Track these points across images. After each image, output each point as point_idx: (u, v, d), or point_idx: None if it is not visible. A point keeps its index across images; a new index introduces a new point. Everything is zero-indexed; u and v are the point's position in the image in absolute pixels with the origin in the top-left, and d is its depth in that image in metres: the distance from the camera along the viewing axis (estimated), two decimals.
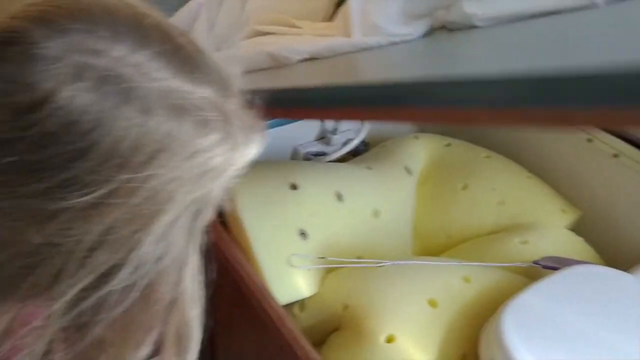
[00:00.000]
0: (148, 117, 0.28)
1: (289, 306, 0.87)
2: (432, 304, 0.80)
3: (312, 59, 0.90)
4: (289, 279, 0.86)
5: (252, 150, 0.36)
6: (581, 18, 0.71)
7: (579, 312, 0.74)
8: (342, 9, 1.05)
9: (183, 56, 0.31)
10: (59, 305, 0.30)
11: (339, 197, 0.93)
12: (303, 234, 0.89)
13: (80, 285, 0.30)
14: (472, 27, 0.83)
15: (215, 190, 0.34)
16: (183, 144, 0.30)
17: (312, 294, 0.88)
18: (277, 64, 0.92)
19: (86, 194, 0.28)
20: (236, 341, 0.94)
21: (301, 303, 0.90)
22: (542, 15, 0.77)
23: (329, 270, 0.90)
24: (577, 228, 0.99)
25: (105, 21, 0.28)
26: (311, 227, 0.90)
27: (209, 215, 0.35)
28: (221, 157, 0.32)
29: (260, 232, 0.86)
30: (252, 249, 0.85)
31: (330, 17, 1.16)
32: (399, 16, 0.88)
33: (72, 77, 0.26)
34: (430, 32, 0.88)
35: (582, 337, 0.71)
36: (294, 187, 0.91)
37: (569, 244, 0.94)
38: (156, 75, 0.29)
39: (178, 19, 1.09)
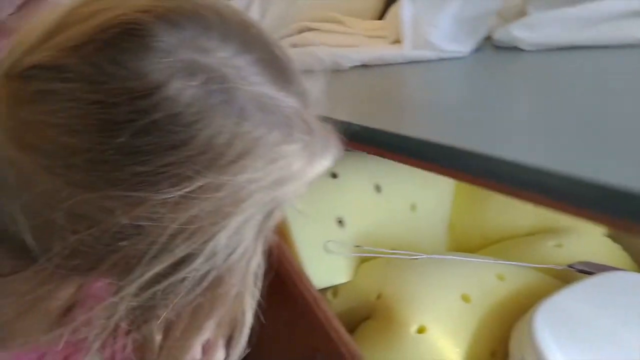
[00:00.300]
0: (243, 118, 0.30)
1: (322, 292, 0.88)
2: (465, 299, 0.81)
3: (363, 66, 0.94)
4: (324, 264, 0.88)
5: (327, 162, 0.37)
6: (627, 56, 0.72)
7: (612, 317, 0.74)
8: (393, 9, 1.06)
9: (278, 66, 0.33)
10: (133, 286, 0.31)
11: (378, 188, 0.94)
12: (340, 221, 0.91)
13: (156, 270, 0.31)
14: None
15: (288, 194, 0.35)
16: (269, 148, 0.31)
17: (346, 281, 0.89)
18: (328, 67, 0.94)
19: (177, 184, 0.29)
20: (269, 320, 0.96)
21: (334, 289, 0.91)
22: (589, 47, 0.79)
23: (363, 259, 0.91)
24: (614, 235, 0.98)
25: (216, 24, 0.30)
26: (349, 216, 0.91)
27: (279, 216, 0.37)
28: (300, 165, 0.34)
29: (298, 215, 0.88)
30: (290, 232, 0.87)
31: (380, 15, 1.18)
32: (450, 31, 0.90)
33: (182, 72, 0.28)
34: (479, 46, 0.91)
35: (613, 342, 0.71)
36: (334, 175, 0.92)
37: (605, 250, 0.94)
38: (253, 79, 0.31)
39: None
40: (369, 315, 0.88)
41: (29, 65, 0.28)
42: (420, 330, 0.79)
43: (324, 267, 0.88)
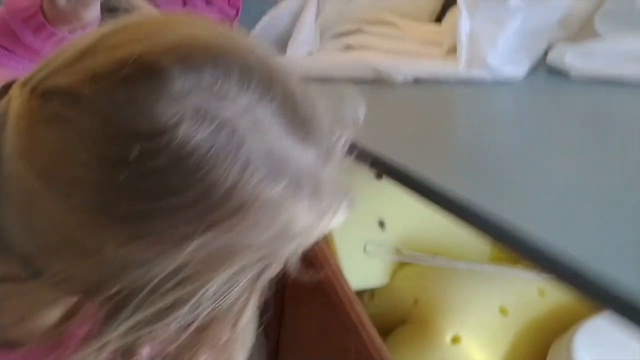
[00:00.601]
0: (247, 172, 0.29)
1: (359, 293, 0.88)
2: (503, 311, 0.79)
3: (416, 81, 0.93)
4: (363, 265, 0.87)
5: (337, 220, 0.36)
6: None
7: None
8: (451, 13, 1.04)
9: (300, 118, 0.31)
10: (121, 327, 0.31)
11: None
12: (382, 223, 0.90)
13: (144, 313, 0.31)
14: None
15: (289, 250, 0.34)
16: (271, 204, 0.30)
17: (383, 283, 0.89)
18: (379, 77, 0.94)
19: (168, 228, 0.29)
20: (303, 316, 0.97)
21: (372, 291, 0.91)
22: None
23: (402, 264, 0.90)
24: None
25: (238, 70, 0.29)
26: (390, 218, 0.91)
27: (275, 271, 0.36)
28: (305, 223, 0.32)
29: None
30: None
31: (437, 16, 1.16)
32: (508, 51, 0.88)
33: (192, 118, 0.27)
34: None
35: None
36: (379, 176, 0.92)
37: None
38: (269, 131, 0.30)
39: (289, 1, 1.12)
40: (404, 320, 0.88)
41: (50, 87, 0.29)
42: (455, 340, 0.78)
43: (362, 269, 0.88)
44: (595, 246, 0.44)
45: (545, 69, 0.89)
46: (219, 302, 0.33)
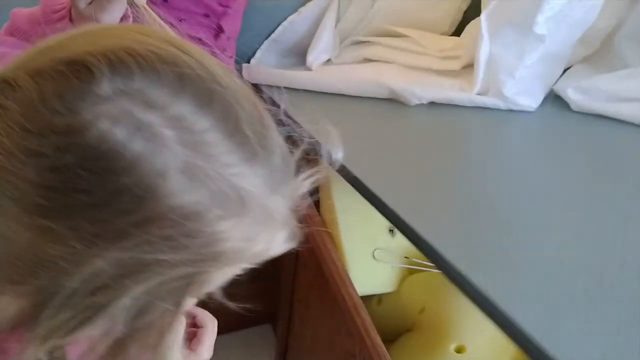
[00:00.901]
0: (161, 181, 0.28)
1: (368, 298, 0.89)
2: None
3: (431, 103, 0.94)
4: (371, 271, 0.88)
5: (275, 249, 0.35)
6: None
7: None
8: (471, 27, 1.04)
9: (242, 138, 0.31)
10: (39, 332, 0.31)
11: None
12: (392, 230, 0.90)
13: (60, 319, 0.30)
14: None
15: (218, 273, 0.33)
16: (187, 218, 0.29)
17: (390, 290, 0.89)
18: (394, 97, 0.95)
19: (77, 229, 0.28)
20: (311, 319, 0.97)
21: (379, 297, 0.92)
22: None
23: (410, 271, 0.91)
24: None
25: (172, 80, 0.29)
26: None
27: (202, 294, 0.35)
28: (231, 245, 0.31)
29: (351, 220, 0.89)
30: (340, 235, 0.88)
31: (457, 27, 1.16)
32: (526, 80, 0.89)
33: (112, 120, 0.28)
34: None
35: None
36: None
37: None
38: (201, 146, 0.29)
39: (310, 7, 1.13)
40: (410, 328, 0.88)
41: (3, 78, 0.29)
42: (459, 350, 0.78)
43: (371, 275, 0.88)
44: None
45: (554, 94, 0.92)
46: (137, 317, 0.32)
